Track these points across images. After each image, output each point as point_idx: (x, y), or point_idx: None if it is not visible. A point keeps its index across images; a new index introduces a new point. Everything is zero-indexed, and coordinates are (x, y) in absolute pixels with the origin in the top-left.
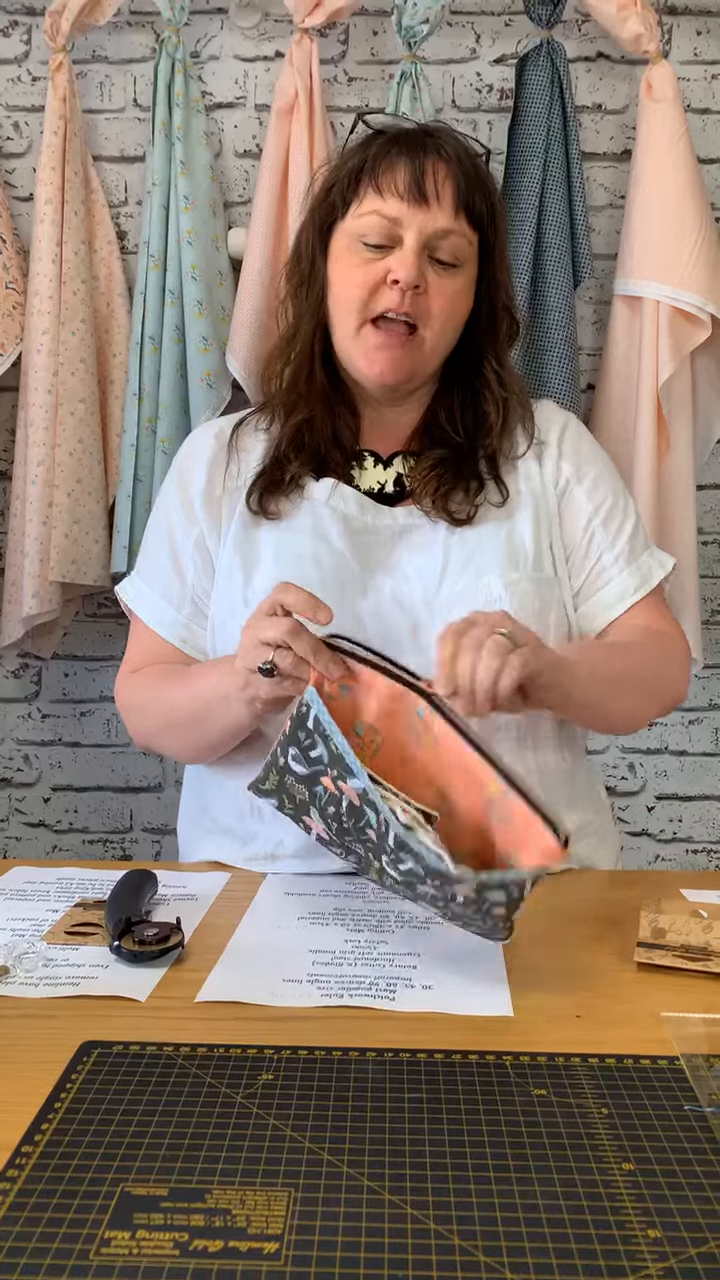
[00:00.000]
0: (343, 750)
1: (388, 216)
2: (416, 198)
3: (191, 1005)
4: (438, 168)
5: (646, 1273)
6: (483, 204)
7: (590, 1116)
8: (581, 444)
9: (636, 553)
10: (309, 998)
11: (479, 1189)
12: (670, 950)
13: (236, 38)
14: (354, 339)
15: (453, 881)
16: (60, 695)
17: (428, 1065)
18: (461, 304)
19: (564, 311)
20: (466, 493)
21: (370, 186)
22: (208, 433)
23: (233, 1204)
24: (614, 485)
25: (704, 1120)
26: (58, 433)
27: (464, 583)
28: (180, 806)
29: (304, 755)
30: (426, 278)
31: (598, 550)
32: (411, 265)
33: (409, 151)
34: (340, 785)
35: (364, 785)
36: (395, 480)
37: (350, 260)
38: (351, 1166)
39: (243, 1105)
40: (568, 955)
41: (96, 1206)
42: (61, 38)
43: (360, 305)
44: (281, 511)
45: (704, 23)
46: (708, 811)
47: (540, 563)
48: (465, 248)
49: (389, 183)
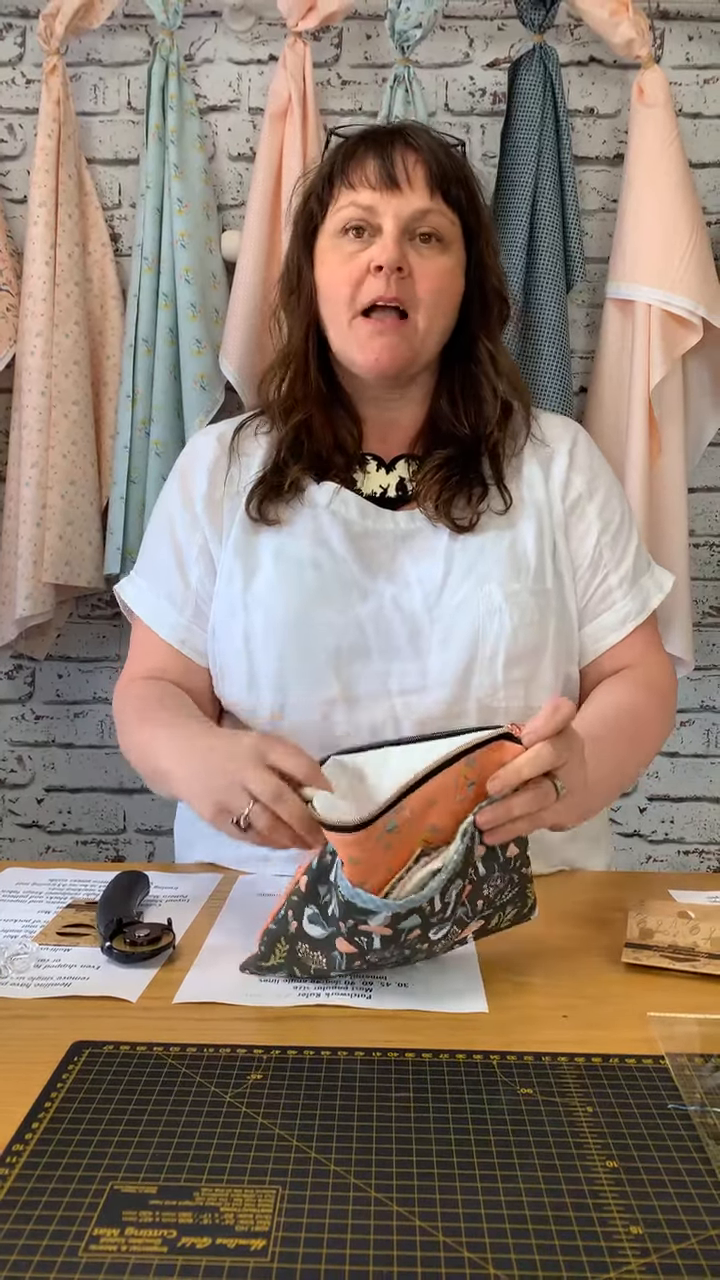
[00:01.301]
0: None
1: (362, 205)
2: (388, 184)
3: (181, 1005)
4: (406, 155)
5: (628, 1269)
6: (459, 189)
7: (575, 1115)
8: (593, 458)
9: (639, 574)
10: (286, 997)
11: (464, 1186)
12: (657, 950)
13: (230, 41)
14: (347, 333)
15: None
16: (54, 696)
17: (415, 1064)
18: (450, 285)
19: (556, 315)
20: (469, 500)
21: (343, 184)
22: (209, 437)
23: (221, 1202)
24: (621, 503)
25: (688, 1119)
26: (51, 434)
27: (465, 591)
28: (177, 808)
29: (322, 914)
30: (409, 260)
31: (604, 570)
32: (391, 248)
33: (377, 145)
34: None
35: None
36: (398, 484)
37: (334, 258)
38: (339, 1165)
39: (231, 1104)
40: (555, 956)
41: (86, 1204)
42: (55, 40)
43: (349, 299)
44: (282, 517)
45: (696, 28)
46: (699, 812)
47: (542, 573)
48: (447, 226)
49: (360, 177)
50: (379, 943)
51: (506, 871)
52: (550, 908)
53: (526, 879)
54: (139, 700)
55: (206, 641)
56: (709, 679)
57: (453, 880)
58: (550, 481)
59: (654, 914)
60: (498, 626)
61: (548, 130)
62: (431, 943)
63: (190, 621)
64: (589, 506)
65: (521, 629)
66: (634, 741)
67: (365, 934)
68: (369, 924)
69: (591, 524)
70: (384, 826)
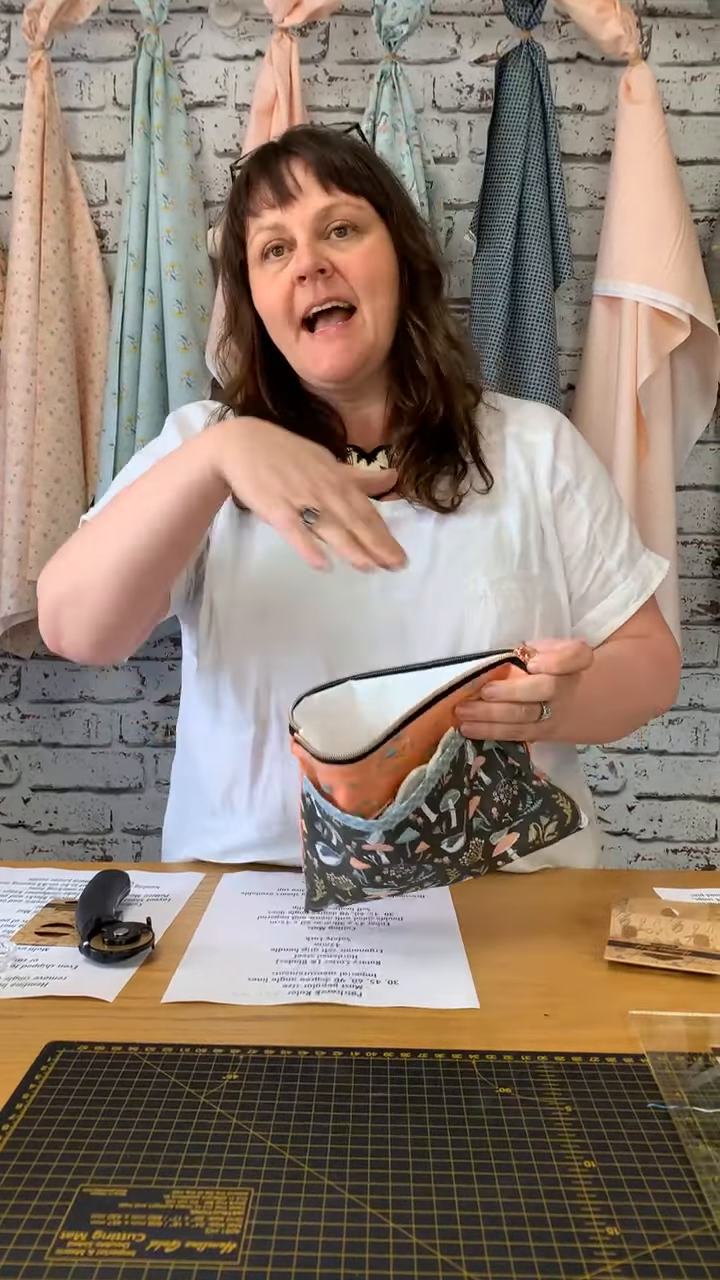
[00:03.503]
0: (345, 820)
1: (269, 226)
2: (283, 199)
3: (159, 1005)
4: (292, 165)
5: (603, 1270)
6: (354, 177)
7: (554, 1114)
8: (578, 446)
9: (635, 556)
10: (276, 996)
11: (439, 1187)
12: (640, 949)
13: (217, 37)
14: (297, 349)
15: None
16: (40, 695)
17: (393, 1064)
18: (380, 263)
19: (544, 312)
20: (452, 477)
21: (248, 214)
22: (200, 409)
23: (191, 1204)
24: (610, 489)
25: (667, 1118)
26: (36, 432)
27: (450, 579)
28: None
29: (328, 844)
30: (329, 258)
31: (600, 556)
32: (305, 256)
33: (264, 167)
34: (365, 849)
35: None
36: None
37: (262, 281)
38: (313, 1166)
39: (206, 1105)
40: (538, 954)
41: (54, 1207)
42: (40, 36)
43: (286, 315)
44: None
45: (683, 24)
46: (688, 811)
47: (526, 560)
48: (357, 213)
49: (259, 201)
50: (386, 859)
51: (512, 779)
52: (536, 905)
53: (547, 789)
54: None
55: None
56: (697, 677)
57: (442, 791)
58: (536, 470)
59: (637, 912)
60: (482, 614)
61: (535, 127)
62: (454, 856)
63: None
64: (577, 494)
65: (506, 616)
66: (619, 689)
67: (370, 853)
68: (369, 843)
69: (582, 512)
70: (383, 754)
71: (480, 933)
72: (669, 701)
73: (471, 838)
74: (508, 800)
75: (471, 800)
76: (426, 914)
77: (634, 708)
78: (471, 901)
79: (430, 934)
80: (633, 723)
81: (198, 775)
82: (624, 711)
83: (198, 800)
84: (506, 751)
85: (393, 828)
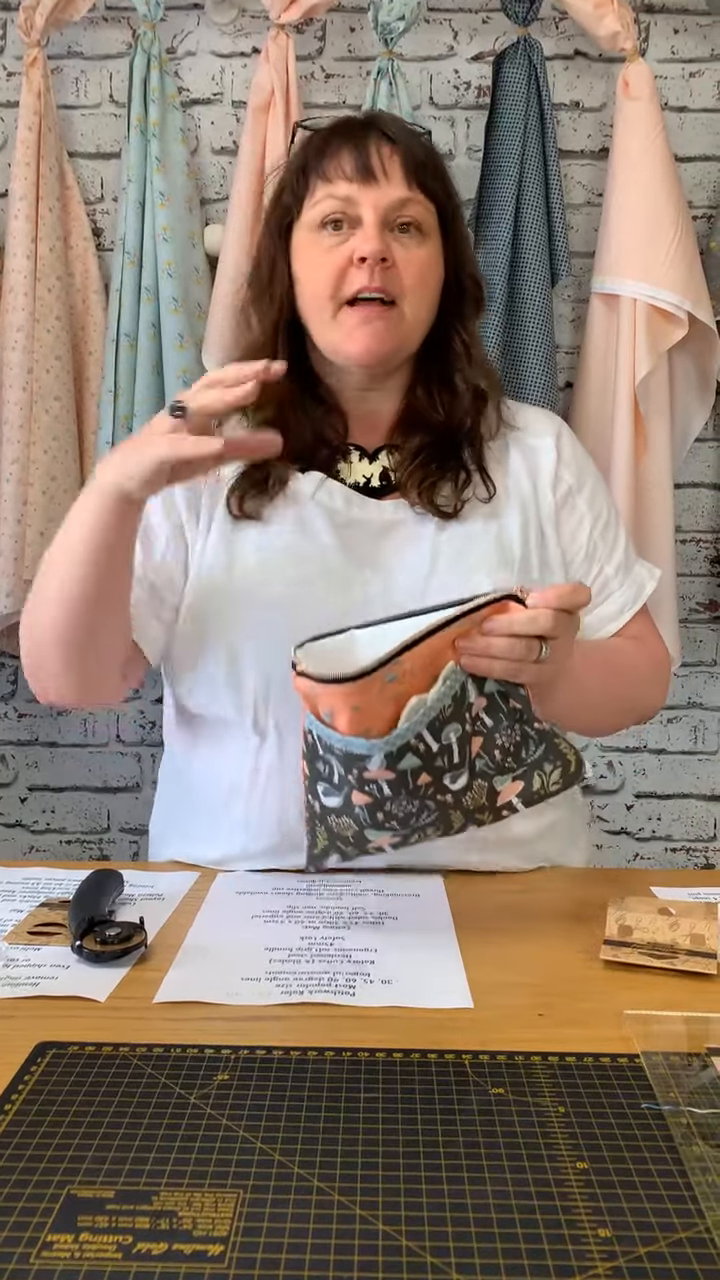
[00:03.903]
0: (347, 744)
1: (340, 197)
2: (365, 176)
3: (151, 1005)
4: (381, 146)
5: (595, 1273)
6: (435, 179)
7: (547, 1115)
8: (578, 452)
9: (630, 564)
10: (269, 995)
11: (430, 1189)
12: (636, 948)
13: (213, 34)
14: (331, 324)
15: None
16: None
17: (386, 1064)
18: (433, 274)
19: (542, 309)
20: (455, 485)
21: (319, 178)
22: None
23: (180, 1206)
24: (607, 495)
25: (661, 1119)
26: (33, 430)
27: (452, 581)
28: (154, 805)
29: (330, 783)
30: (393, 251)
31: (599, 562)
32: (374, 238)
33: (350, 138)
34: (366, 777)
35: (381, 751)
36: (381, 474)
37: (313, 251)
38: (303, 1167)
39: (196, 1106)
40: (534, 953)
41: (40, 1209)
42: (36, 33)
43: (332, 291)
44: (264, 511)
45: (681, 21)
46: (686, 810)
47: (527, 564)
48: (426, 215)
49: (336, 169)
50: (389, 790)
51: (514, 722)
52: (531, 904)
53: (549, 734)
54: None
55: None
56: (696, 675)
57: (444, 722)
58: (538, 475)
59: (634, 911)
60: None
61: (532, 124)
62: (456, 795)
63: (146, 597)
64: (579, 500)
65: None
66: (611, 672)
67: (372, 781)
68: (370, 770)
69: (583, 517)
70: (383, 678)
71: (475, 931)
72: (658, 704)
73: (475, 778)
74: (510, 745)
75: (474, 739)
76: (421, 913)
77: (626, 699)
78: (466, 900)
79: (425, 933)
80: (624, 716)
81: (189, 778)
82: (617, 701)
83: (187, 803)
84: (508, 694)
85: (395, 749)
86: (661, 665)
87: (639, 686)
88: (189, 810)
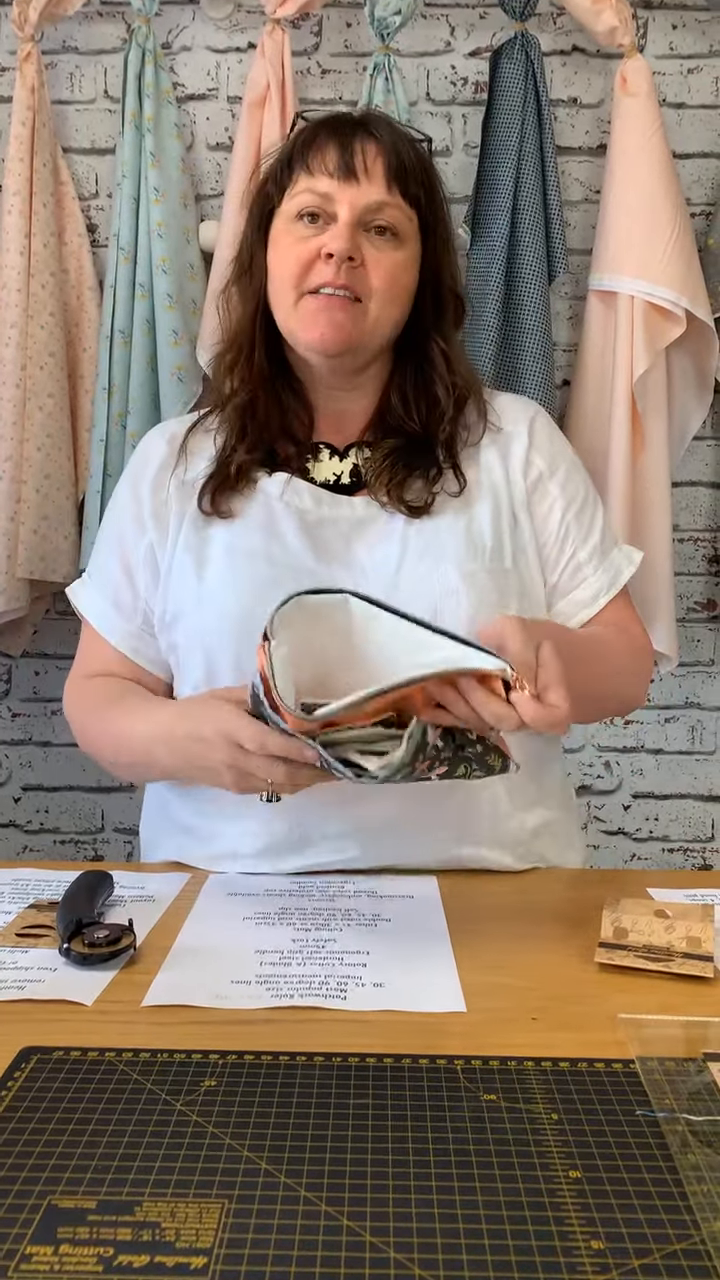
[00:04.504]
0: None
1: (319, 193)
2: (346, 174)
3: (139, 1009)
4: (367, 146)
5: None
6: (417, 185)
7: (539, 1122)
8: (553, 436)
9: (607, 549)
10: (259, 999)
11: (419, 1199)
12: (632, 950)
13: (208, 29)
14: (293, 311)
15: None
16: (30, 694)
17: (376, 1070)
18: (404, 278)
19: (539, 306)
20: (425, 480)
21: (301, 169)
22: (160, 437)
23: (163, 1216)
24: (584, 479)
25: (655, 1125)
26: (26, 427)
27: (421, 572)
28: (144, 804)
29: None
30: (363, 251)
31: (572, 546)
32: (344, 237)
33: (337, 133)
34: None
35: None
36: (351, 471)
37: (286, 240)
38: (289, 1176)
39: (182, 1113)
40: (528, 955)
41: (20, 1220)
42: (30, 27)
43: (296, 281)
44: (234, 510)
45: (679, 17)
46: (684, 810)
47: (500, 553)
48: (403, 220)
49: (319, 163)
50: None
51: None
52: (526, 906)
53: (481, 755)
54: (90, 695)
55: (156, 648)
56: (693, 675)
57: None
58: (510, 460)
59: (629, 913)
60: (454, 608)
61: (530, 120)
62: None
63: (140, 629)
64: (551, 484)
65: (481, 610)
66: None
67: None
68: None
69: (555, 500)
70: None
71: (469, 933)
72: (641, 693)
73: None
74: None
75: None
76: (414, 914)
77: (603, 689)
78: (461, 901)
79: (418, 935)
80: (603, 705)
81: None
82: (593, 691)
83: (180, 799)
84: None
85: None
86: (643, 654)
87: (617, 677)
88: (175, 811)
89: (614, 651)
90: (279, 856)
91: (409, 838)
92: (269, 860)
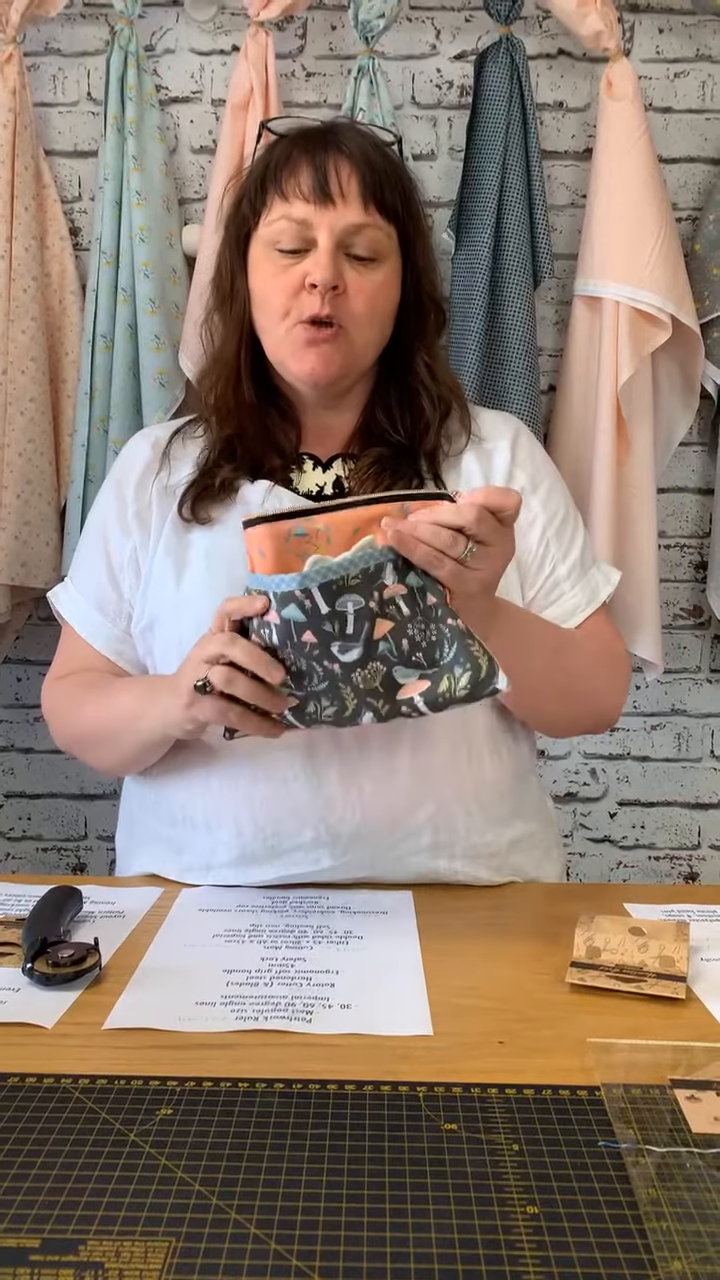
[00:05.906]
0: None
1: (296, 220)
2: (322, 198)
3: (98, 1033)
4: (340, 165)
5: None
6: (394, 196)
7: (500, 1153)
8: (535, 453)
9: (586, 567)
10: (223, 1021)
11: (371, 1236)
12: (604, 971)
13: (192, 31)
14: (283, 339)
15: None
16: (13, 700)
17: (336, 1097)
18: (385, 298)
19: (524, 311)
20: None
21: (276, 193)
22: (144, 442)
23: (107, 1256)
24: (565, 497)
25: (618, 1157)
26: (7, 433)
27: None
28: (119, 814)
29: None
30: (345, 277)
31: (551, 563)
32: (326, 266)
33: (310, 151)
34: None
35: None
36: (334, 482)
37: (267, 269)
38: (240, 1213)
39: (135, 1144)
40: (499, 974)
41: None
42: (11, 29)
43: (284, 312)
44: (214, 516)
45: (666, 20)
46: (670, 817)
47: None
48: (382, 240)
49: (293, 186)
50: (276, 635)
51: (430, 621)
52: (500, 921)
53: (463, 633)
54: (68, 685)
55: (139, 650)
56: (679, 682)
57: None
58: (492, 472)
59: (603, 930)
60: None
61: (515, 124)
62: (345, 667)
63: (125, 633)
64: (532, 499)
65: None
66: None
67: (266, 625)
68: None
69: (536, 516)
70: (292, 530)
71: (441, 951)
72: (617, 704)
73: (371, 660)
74: (424, 641)
75: (381, 621)
76: (387, 931)
77: (578, 686)
78: (435, 917)
79: (389, 953)
80: (578, 708)
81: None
82: (565, 683)
83: (154, 808)
84: (428, 589)
85: (279, 594)
86: (618, 661)
87: (592, 674)
88: (149, 821)
89: (584, 650)
90: (252, 866)
91: (382, 849)
92: (242, 871)
